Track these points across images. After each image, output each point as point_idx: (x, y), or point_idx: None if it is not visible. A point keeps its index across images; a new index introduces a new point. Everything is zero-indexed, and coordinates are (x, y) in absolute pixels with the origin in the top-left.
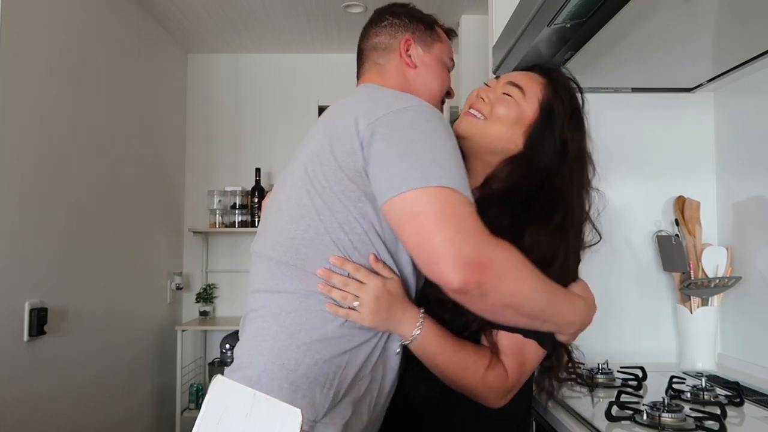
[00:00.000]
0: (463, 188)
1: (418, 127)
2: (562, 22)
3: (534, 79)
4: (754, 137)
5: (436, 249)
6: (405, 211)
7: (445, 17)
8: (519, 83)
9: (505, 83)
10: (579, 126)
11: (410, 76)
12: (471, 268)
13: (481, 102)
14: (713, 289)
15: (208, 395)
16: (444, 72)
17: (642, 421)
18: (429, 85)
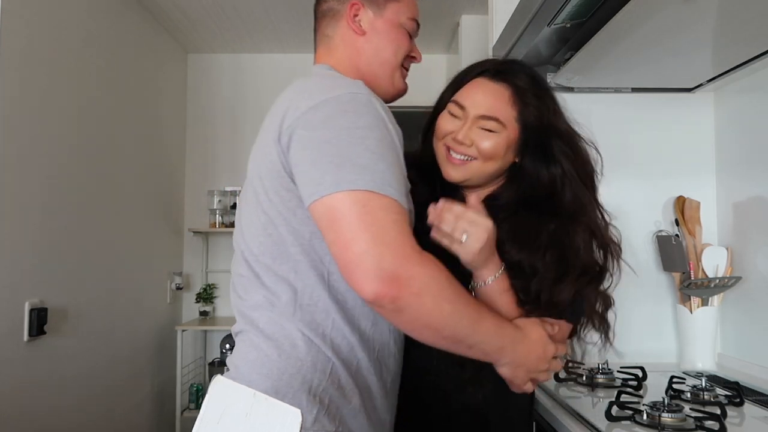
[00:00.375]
0: (389, 189)
1: (333, 124)
2: (562, 22)
3: (500, 97)
4: (754, 137)
5: (352, 259)
6: (323, 219)
7: (445, 17)
8: (492, 114)
9: (478, 117)
10: (557, 111)
11: (359, 45)
12: (387, 282)
13: (462, 146)
14: (713, 289)
15: (208, 395)
16: (400, 36)
17: (642, 421)
18: (381, 52)
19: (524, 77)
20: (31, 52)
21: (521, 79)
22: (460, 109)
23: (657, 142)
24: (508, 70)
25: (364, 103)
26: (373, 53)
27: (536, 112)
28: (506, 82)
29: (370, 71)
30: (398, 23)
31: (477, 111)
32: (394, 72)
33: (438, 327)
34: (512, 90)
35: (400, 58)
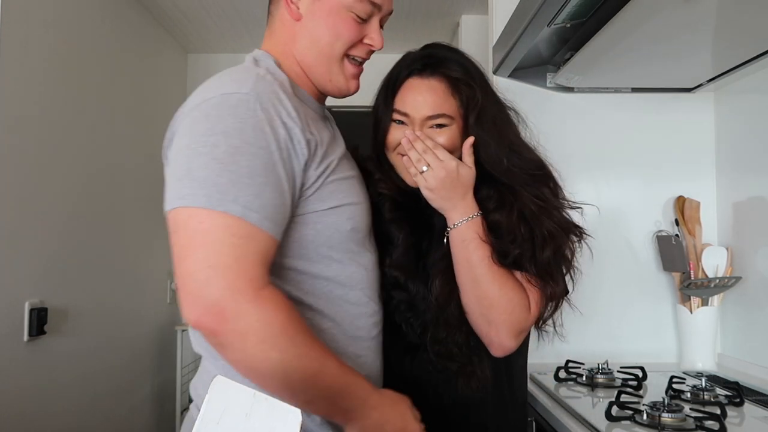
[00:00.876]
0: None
1: (192, 130)
2: (562, 22)
3: (439, 92)
4: (754, 137)
5: (179, 278)
6: (170, 230)
7: (444, 17)
8: (438, 112)
9: (424, 119)
10: (487, 89)
11: (295, 30)
12: (208, 312)
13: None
14: (713, 289)
15: (207, 395)
16: (342, 22)
17: (642, 421)
18: (317, 41)
19: (454, 66)
20: (31, 52)
21: (451, 68)
22: (404, 117)
23: (657, 142)
24: (436, 63)
25: (233, 105)
26: (309, 42)
27: (474, 94)
28: (438, 74)
29: (306, 62)
30: (340, 6)
31: (421, 113)
32: (332, 65)
33: (264, 375)
34: (447, 81)
35: (339, 48)
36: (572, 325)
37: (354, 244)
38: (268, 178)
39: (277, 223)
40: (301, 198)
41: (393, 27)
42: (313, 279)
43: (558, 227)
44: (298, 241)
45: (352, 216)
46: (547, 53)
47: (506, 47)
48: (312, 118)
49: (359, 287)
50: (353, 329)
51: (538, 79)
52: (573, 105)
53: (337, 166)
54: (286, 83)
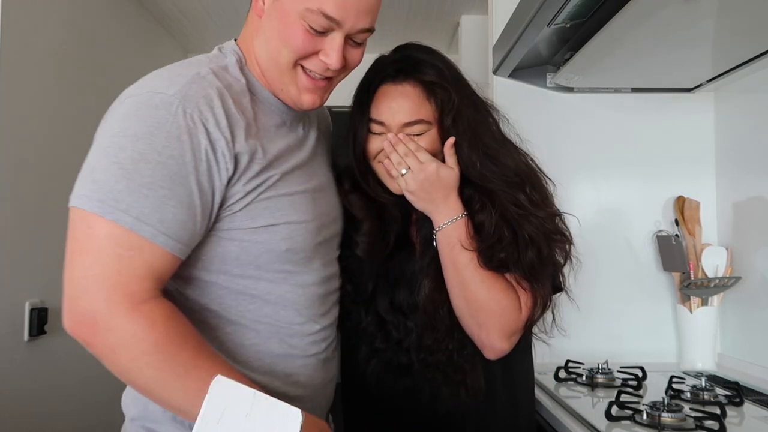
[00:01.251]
0: (121, 216)
1: (108, 127)
2: (562, 22)
3: (414, 97)
4: (754, 137)
5: (65, 280)
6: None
7: (444, 17)
8: (415, 118)
9: (402, 126)
10: (464, 90)
11: (258, 26)
12: (80, 322)
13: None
14: (713, 289)
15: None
16: (292, 29)
17: (642, 421)
18: (267, 42)
19: (427, 69)
20: (30, 52)
21: (425, 72)
22: (380, 126)
23: (657, 142)
24: (409, 67)
25: (153, 106)
26: (262, 41)
27: (449, 97)
28: (412, 79)
29: (260, 63)
30: (292, 12)
31: (397, 121)
32: (282, 73)
33: (143, 390)
34: (421, 86)
35: (286, 56)
36: (572, 324)
37: (290, 265)
38: (173, 191)
39: (179, 239)
40: (227, 214)
41: (393, 27)
42: (236, 295)
43: (538, 232)
44: (221, 257)
45: (290, 236)
46: (547, 53)
47: (506, 47)
48: (264, 124)
49: (293, 307)
50: (284, 347)
51: (538, 79)
52: (573, 105)
53: (279, 181)
54: (234, 86)
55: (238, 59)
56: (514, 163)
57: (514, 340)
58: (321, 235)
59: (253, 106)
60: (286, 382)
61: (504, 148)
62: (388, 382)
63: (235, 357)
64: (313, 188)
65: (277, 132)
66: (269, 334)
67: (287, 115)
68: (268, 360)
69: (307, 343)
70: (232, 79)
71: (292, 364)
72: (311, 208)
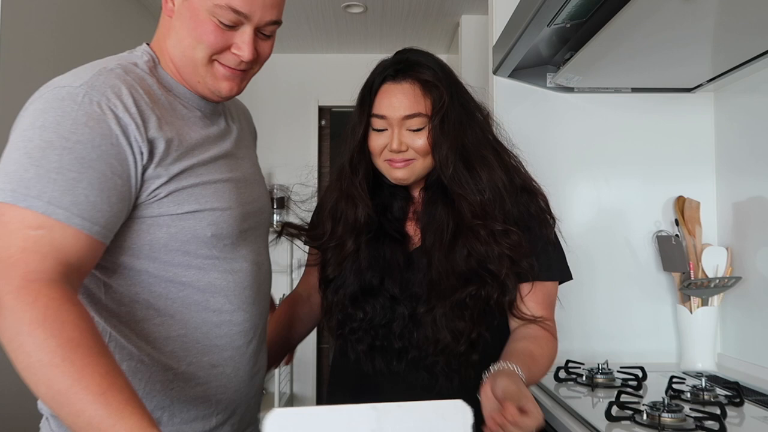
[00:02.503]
0: (33, 201)
1: (19, 122)
2: (562, 22)
3: (413, 93)
4: (754, 137)
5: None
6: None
7: (444, 17)
8: (414, 111)
9: (402, 119)
10: (458, 90)
11: (169, 26)
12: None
13: (400, 153)
14: (713, 289)
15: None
16: (203, 26)
17: (642, 421)
18: (180, 41)
19: (423, 69)
20: (30, 52)
21: (421, 72)
22: (382, 120)
23: (657, 142)
24: (407, 67)
25: (60, 98)
26: (175, 41)
27: (440, 95)
28: (411, 78)
29: (174, 61)
30: (202, 9)
31: (398, 114)
32: (197, 69)
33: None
34: (419, 84)
35: (201, 53)
36: (572, 324)
37: (217, 251)
38: (82, 174)
39: (95, 221)
40: (153, 199)
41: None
42: (166, 283)
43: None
44: (150, 244)
45: (215, 222)
46: (547, 53)
47: (506, 47)
48: (181, 117)
49: (222, 294)
50: (211, 337)
51: (538, 79)
52: (573, 105)
53: (202, 168)
54: (146, 79)
55: (149, 59)
56: (490, 179)
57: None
58: (246, 223)
59: (168, 99)
60: (210, 373)
61: (484, 158)
62: (378, 364)
63: (161, 349)
64: (237, 178)
65: (197, 123)
66: (196, 325)
67: (207, 109)
68: (194, 351)
69: (234, 333)
70: (143, 73)
71: (218, 356)
72: (234, 196)
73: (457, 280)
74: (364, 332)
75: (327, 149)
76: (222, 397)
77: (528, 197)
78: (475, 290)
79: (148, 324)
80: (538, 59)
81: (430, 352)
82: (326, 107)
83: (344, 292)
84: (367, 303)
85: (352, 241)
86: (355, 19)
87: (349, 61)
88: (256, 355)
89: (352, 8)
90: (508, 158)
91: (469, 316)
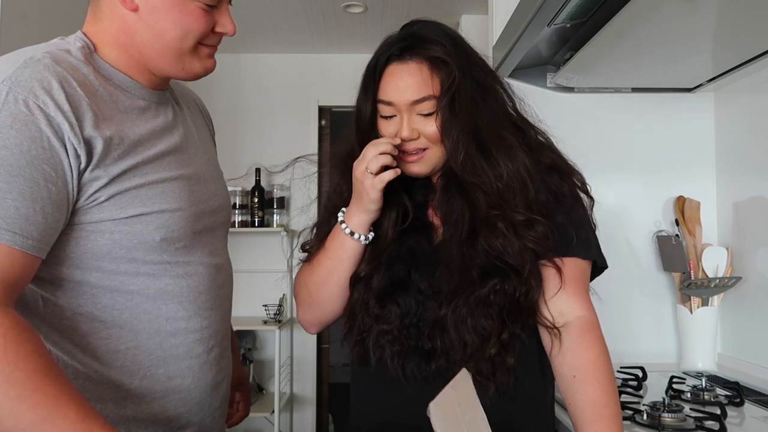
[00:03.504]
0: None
1: None
2: (562, 22)
3: (420, 73)
4: (754, 137)
5: None
6: None
7: (444, 17)
8: (423, 95)
9: (410, 104)
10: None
11: (130, 22)
12: None
13: (411, 142)
14: (713, 289)
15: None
16: (190, 15)
17: (642, 421)
18: (161, 35)
19: (431, 45)
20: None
21: (429, 48)
22: (389, 107)
23: (657, 142)
24: (413, 44)
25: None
26: (152, 35)
27: (450, 71)
28: (418, 56)
29: (148, 55)
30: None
31: (406, 98)
32: (182, 57)
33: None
34: (427, 62)
35: (189, 42)
36: None
37: (168, 255)
38: (10, 183)
39: (28, 234)
40: (92, 204)
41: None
42: (112, 293)
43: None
44: (92, 252)
45: (164, 225)
46: (547, 53)
47: (506, 47)
48: (124, 109)
49: (176, 300)
50: (165, 347)
51: (538, 79)
52: (573, 105)
53: (147, 167)
54: (80, 68)
55: (83, 45)
56: (509, 162)
57: None
58: (201, 223)
59: (107, 89)
60: (167, 386)
61: (502, 139)
62: (409, 369)
63: (110, 364)
64: (188, 175)
65: (141, 116)
66: (148, 335)
67: (151, 98)
68: (148, 364)
69: (191, 341)
70: (76, 62)
71: (175, 366)
72: (186, 195)
73: (478, 275)
74: (398, 331)
75: (327, 149)
76: (182, 411)
77: (559, 177)
78: (498, 284)
79: (93, 338)
80: (538, 59)
81: (458, 358)
82: (326, 107)
83: (374, 286)
84: (400, 297)
85: (391, 232)
86: (355, 19)
87: (349, 61)
88: (218, 363)
89: (352, 8)
90: (535, 135)
91: (496, 313)
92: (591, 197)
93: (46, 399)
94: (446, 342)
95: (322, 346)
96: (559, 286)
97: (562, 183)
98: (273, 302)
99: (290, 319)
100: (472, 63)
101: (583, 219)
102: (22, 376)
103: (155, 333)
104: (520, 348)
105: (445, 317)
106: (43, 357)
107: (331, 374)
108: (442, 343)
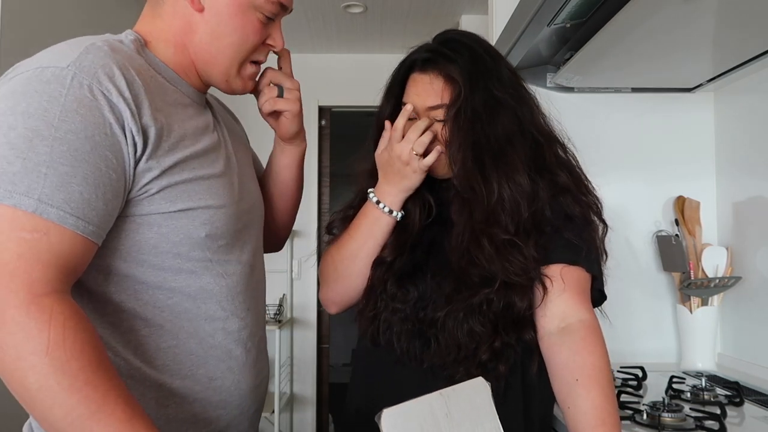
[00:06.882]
0: (20, 198)
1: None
2: (562, 22)
3: (437, 85)
4: (754, 137)
5: None
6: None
7: (445, 17)
8: (439, 102)
9: (427, 110)
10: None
11: (194, 21)
12: None
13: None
14: (713, 289)
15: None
16: (249, 23)
17: (642, 421)
18: (219, 39)
19: (449, 64)
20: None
21: (448, 66)
22: (405, 107)
23: (657, 142)
24: (436, 59)
25: (44, 81)
26: (210, 38)
27: (458, 89)
28: (435, 70)
29: (202, 57)
30: (249, 5)
31: (424, 103)
32: (232, 67)
33: (21, 398)
34: (442, 77)
35: (243, 52)
36: None
37: (211, 253)
38: (76, 168)
39: (90, 220)
40: (144, 196)
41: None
42: (154, 290)
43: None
44: (139, 246)
45: (210, 221)
46: (547, 53)
47: (506, 47)
48: (172, 102)
49: (215, 300)
50: (206, 347)
51: (538, 79)
52: (573, 105)
53: (194, 161)
54: (135, 58)
55: (135, 39)
56: (505, 180)
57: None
58: (241, 222)
59: (159, 81)
60: (207, 387)
61: (502, 157)
62: (413, 348)
63: (152, 362)
64: (230, 173)
65: (186, 111)
66: (188, 335)
67: (194, 97)
68: (189, 364)
69: (231, 342)
70: (131, 51)
71: (215, 367)
72: (228, 193)
73: (477, 281)
74: (411, 311)
75: (327, 149)
76: (222, 413)
77: (572, 198)
78: (490, 293)
79: (135, 335)
80: (538, 59)
81: (451, 359)
82: (326, 107)
83: (395, 268)
84: (418, 281)
85: (419, 224)
86: (355, 19)
87: (349, 61)
88: (255, 366)
89: (352, 8)
90: (556, 152)
91: (490, 321)
92: (605, 224)
93: (97, 393)
94: (442, 340)
95: (322, 346)
96: (562, 288)
97: (575, 204)
98: (273, 302)
99: (290, 319)
100: (490, 79)
101: (592, 242)
102: (77, 366)
103: (194, 332)
104: (513, 358)
105: (444, 316)
106: (97, 350)
107: (331, 374)
108: (441, 338)
